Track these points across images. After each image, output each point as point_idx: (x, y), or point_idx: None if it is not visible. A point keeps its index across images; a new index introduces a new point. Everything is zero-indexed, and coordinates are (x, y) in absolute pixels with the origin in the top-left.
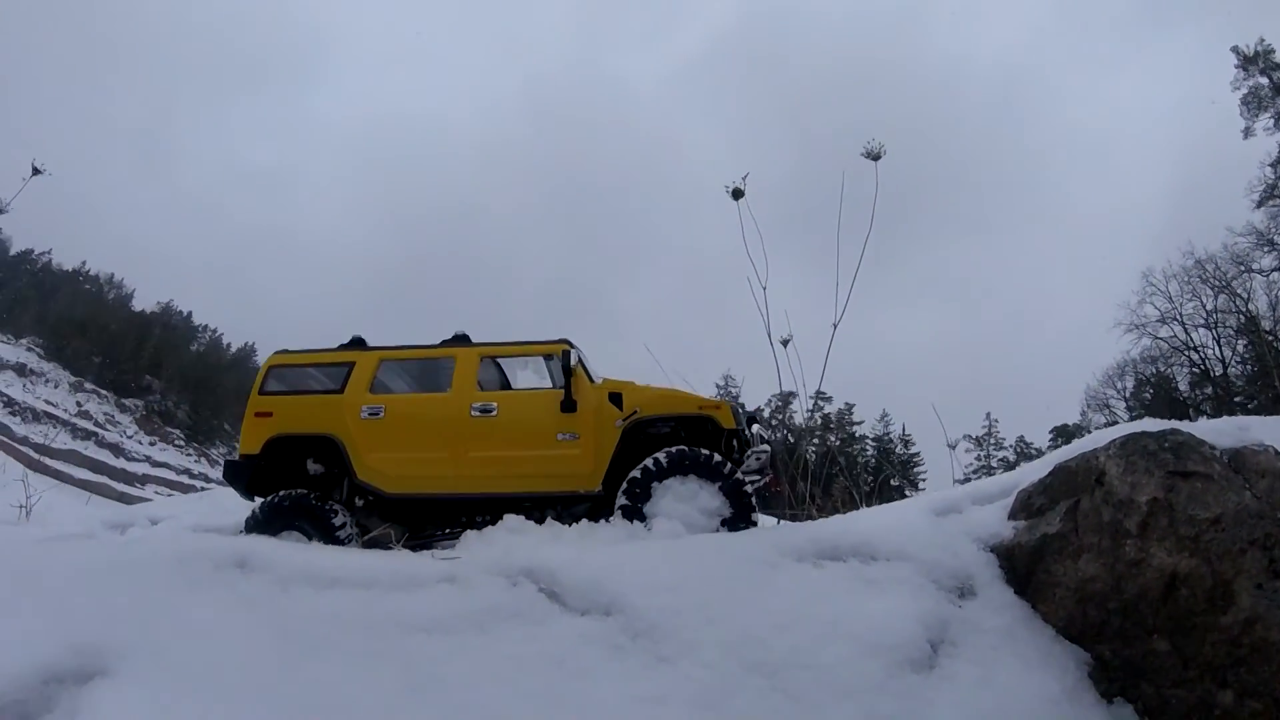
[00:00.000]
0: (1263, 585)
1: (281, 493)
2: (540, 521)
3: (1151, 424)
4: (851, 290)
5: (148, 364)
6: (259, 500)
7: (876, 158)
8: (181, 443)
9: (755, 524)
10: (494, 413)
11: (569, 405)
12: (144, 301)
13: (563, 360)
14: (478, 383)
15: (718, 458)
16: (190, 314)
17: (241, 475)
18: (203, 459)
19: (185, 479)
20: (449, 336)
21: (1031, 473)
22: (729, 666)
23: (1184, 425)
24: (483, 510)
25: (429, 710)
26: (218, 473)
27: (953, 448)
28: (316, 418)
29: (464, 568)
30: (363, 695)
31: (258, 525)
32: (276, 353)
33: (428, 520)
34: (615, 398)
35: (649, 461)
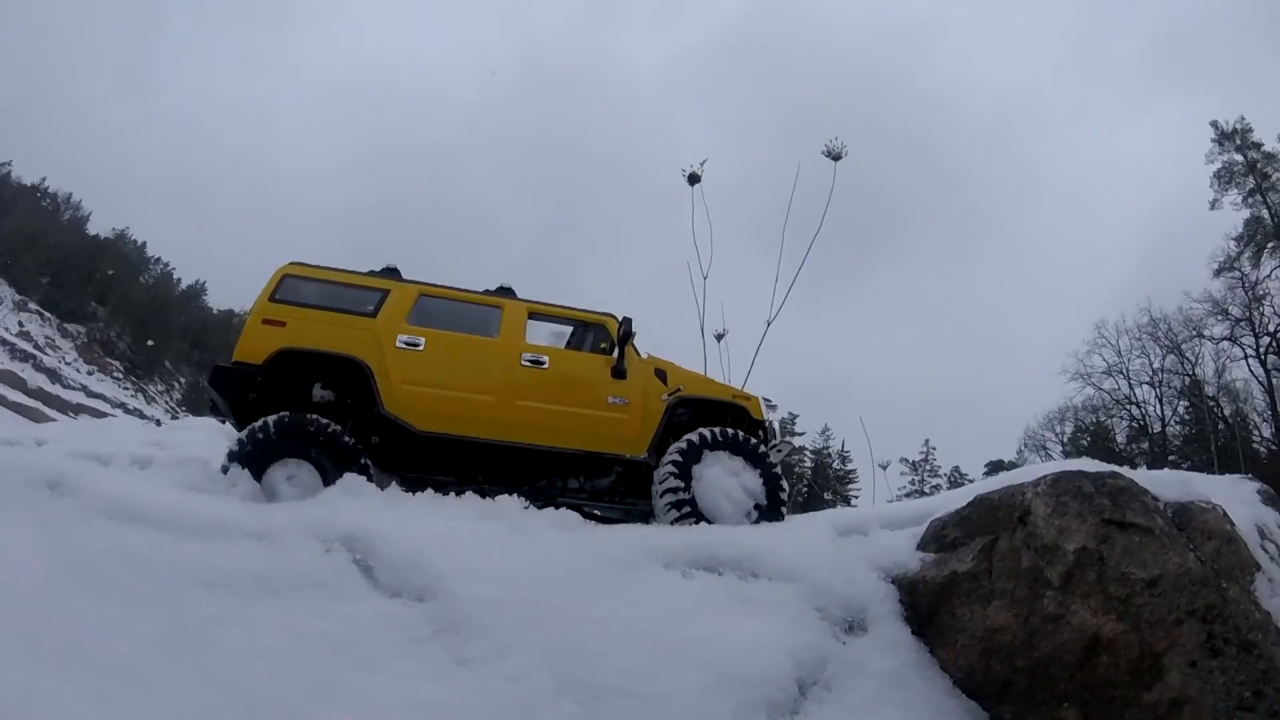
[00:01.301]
0: (1197, 664)
1: (296, 413)
2: (562, 487)
3: (1088, 464)
4: (790, 290)
5: (96, 291)
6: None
7: (837, 158)
8: (120, 375)
9: (783, 517)
10: (545, 366)
11: (619, 372)
12: (100, 226)
13: (622, 328)
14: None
15: (763, 446)
16: (144, 244)
17: (233, 384)
18: (139, 394)
19: (119, 413)
20: (494, 288)
21: (950, 501)
22: (539, 681)
23: (1125, 470)
24: (510, 462)
25: (180, 675)
26: (153, 410)
27: (884, 468)
28: (342, 337)
29: (280, 524)
30: (119, 645)
31: (256, 447)
32: (291, 263)
33: (441, 467)
34: (660, 374)
35: (707, 431)
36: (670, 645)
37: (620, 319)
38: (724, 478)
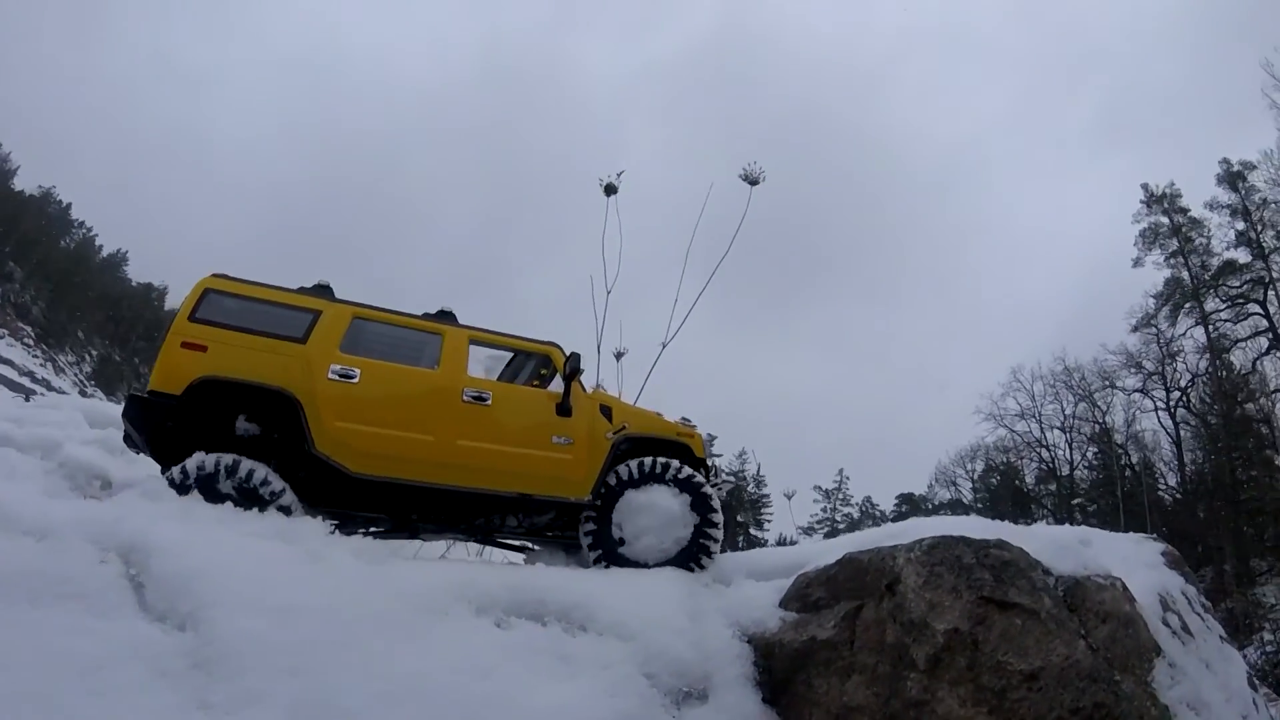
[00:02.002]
0: None
1: (218, 457)
2: (500, 525)
3: (977, 525)
4: (689, 315)
5: (14, 250)
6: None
7: (754, 182)
8: (30, 342)
9: (711, 555)
10: (488, 402)
11: (565, 410)
12: (26, 181)
13: (569, 364)
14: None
15: (704, 481)
16: (70, 205)
17: (152, 417)
18: (49, 364)
19: (27, 381)
20: (434, 311)
21: (824, 553)
22: None
23: (1018, 532)
24: (447, 503)
25: None
26: (61, 381)
27: (789, 498)
28: (270, 366)
29: (64, 524)
30: None
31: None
32: (214, 275)
33: (373, 505)
34: (605, 410)
35: (647, 460)
36: (454, 709)
37: (568, 354)
38: (656, 507)
